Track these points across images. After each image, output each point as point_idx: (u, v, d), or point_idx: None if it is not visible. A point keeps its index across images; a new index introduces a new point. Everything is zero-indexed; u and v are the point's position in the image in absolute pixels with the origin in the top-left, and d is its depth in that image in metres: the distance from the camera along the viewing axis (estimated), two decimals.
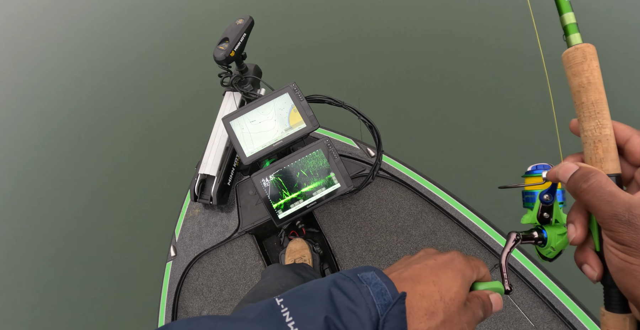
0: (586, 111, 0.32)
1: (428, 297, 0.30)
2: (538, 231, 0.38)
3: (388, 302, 0.28)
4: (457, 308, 0.31)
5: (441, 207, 1.12)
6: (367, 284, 0.30)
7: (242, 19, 1.09)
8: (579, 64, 0.32)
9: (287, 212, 0.92)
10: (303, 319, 0.27)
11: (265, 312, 0.28)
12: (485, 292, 0.35)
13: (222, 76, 1.16)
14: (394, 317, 0.27)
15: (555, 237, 0.37)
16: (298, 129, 0.96)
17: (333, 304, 0.28)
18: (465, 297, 0.32)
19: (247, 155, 0.96)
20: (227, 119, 0.97)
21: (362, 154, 1.19)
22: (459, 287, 0.32)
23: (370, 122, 1.04)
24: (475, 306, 0.33)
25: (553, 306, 1.00)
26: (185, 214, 1.21)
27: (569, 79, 0.33)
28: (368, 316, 0.27)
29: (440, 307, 0.30)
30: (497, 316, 1.03)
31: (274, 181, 0.93)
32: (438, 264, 0.33)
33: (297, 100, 0.97)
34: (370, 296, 0.28)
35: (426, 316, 0.29)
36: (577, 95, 0.32)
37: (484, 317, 0.34)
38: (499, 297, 0.35)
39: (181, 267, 1.14)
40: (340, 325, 0.27)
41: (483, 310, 0.33)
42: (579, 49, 0.32)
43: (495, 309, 0.35)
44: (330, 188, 0.93)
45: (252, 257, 1.14)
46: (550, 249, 0.37)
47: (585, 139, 0.32)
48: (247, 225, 1.15)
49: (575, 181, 0.30)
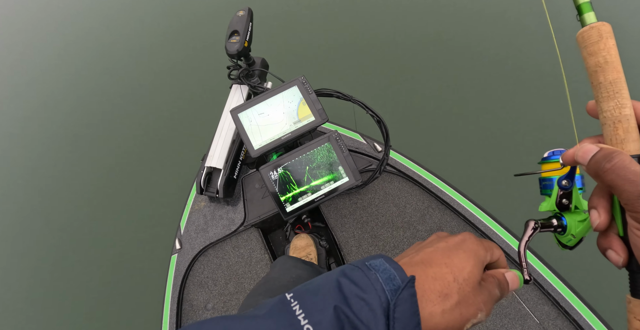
0: (604, 91, 0.31)
1: (441, 279, 0.30)
2: (557, 218, 0.37)
3: (397, 287, 0.28)
4: (472, 288, 0.30)
5: (448, 203, 1.11)
6: (376, 270, 0.29)
7: (243, 11, 1.09)
8: (595, 43, 0.31)
9: (295, 206, 0.92)
10: (312, 310, 0.27)
11: (275, 307, 0.28)
12: (500, 271, 0.34)
13: (230, 69, 1.15)
14: (405, 301, 0.27)
15: (576, 224, 0.36)
16: (307, 122, 0.96)
17: (342, 293, 0.28)
18: (480, 277, 0.32)
19: (255, 148, 0.95)
20: (235, 111, 0.96)
21: (369, 149, 1.19)
22: (473, 266, 0.31)
23: (378, 117, 1.03)
24: (491, 285, 0.32)
25: (558, 303, 1.00)
26: (190, 206, 1.21)
27: (584, 59, 0.32)
28: (378, 302, 0.27)
29: (454, 288, 0.29)
30: (502, 312, 1.03)
31: (282, 174, 0.92)
32: (449, 246, 0.33)
33: (306, 93, 0.97)
34: (379, 282, 0.28)
35: (440, 298, 0.29)
36: (594, 75, 0.31)
37: (501, 296, 0.33)
38: (514, 275, 0.35)
39: (186, 260, 1.14)
40: (351, 314, 0.26)
41: (500, 289, 0.33)
42: (594, 27, 0.31)
43: (512, 287, 0.34)
44: (339, 182, 0.93)
45: (257, 250, 1.14)
46: (570, 237, 0.36)
47: (604, 120, 0.31)
48: (253, 219, 1.15)
49: (597, 162, 0.28)
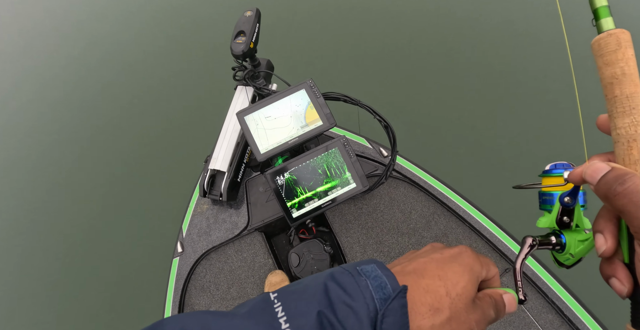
0: (619, 106, 0.28)
1: (433, 292, 0.28)
2: (556, 236, 0.35)
3: (388, 296, 0.26)
4: (465, 305, 0.28)
5: (453, 210, 1.11)
6: (366, 277, 0.28)
7: (250, 11, 1.07)
8: (613, 52, 0.28)
9: (301, 211, 0.90)
10: (295, 314, 0.25)
11: (257, 307, 0.27)
12: (498, 291, 0.33)
13: (236, 70, 1.13)
14: (394, 312, 0.26)
15: (576, 243, 0.34)
16: (314, 126, 0.94)
17: (328, 298, 0.26)
18: (474, 293, 0.30)
19: (261, 152, 0.94)
20: (241, 113, 0.94)
21: (375, 154, 1.17)
22: (467, 282, 0.29)
23: (386, 122, 1.02)
24: (486, 305, 0.30)
25: (562, 312, 1.00)
26: (193, 209, 1.19)
27: (599, 69, 0.29)
28: (366, 311, 0.25)
29: (445, 303, 0.28)
30: (506, 320, 1.02)
31: (289, 179, 0.91)
32: (445, 258, 0.31)
33: (314, 97, 0.95)
34: (369, 290, 0.26)
35: (430, 312, 0.27)
36: (609, 87, 0.29)
37: (496, 319, 0.31)
38: (513, 298, 0.33)
39: (188, 264, 1.13)
40: (335, 321, 0.25)
41: (495, 311, 0.31)
42: (613, 35, 0.28)
43: (509, 310, 0.32)
44: (346, 188, 0.92)
45: (261, 255, 1.12)
46: (568, 256, 0.35)
47: (617, 137, 0.29)
48: (257, 223, 1.13)
49: (607, 183, 0.26)
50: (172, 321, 0.25)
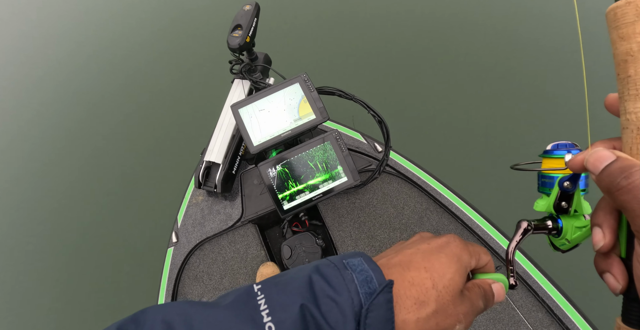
0: (632, 88, 0.25)
1: (418, 285, 0.28)
2: (553, 220, 0.34)
3: (373, 291, 0.26)
4: (452, 297, 0.28)
5: (446, 206, 1.11)
6: (352, 270, 0.27)
7: (249, 5, 1.07)
8: (630, 24, 0.24)
9: (292, 204, 0.91)
10: (277, 307, 0.25)
11: (240, 298, 0.27)
12: (486, 281, 0.32)
13: (232, 63, 1.14)
14: (379, 307, 0.25)
15: (573, 229, 0.32)
16: (307, 120, 0.95)
17: (312, 291, 0.26)
18: (462, 285, 0.29)
19: (254, 144, 0.95)
20: (236, 106, 0.95)
21: (369, 149, 1.18)
22: (454, 273, 0.29)
23: (380, 117, 1.02)
24: (475, 296, 0.30)
25: (552, 311, 0.99)
26: (188, 200, 1.21)
27: (613, 43, 0.25)
28: (350, 305, 0.25)
29: (432, 295, 0.27)
30: (496, 318, 1.03)
31: (281, 172, 0.92)
32: (431, 249, 0.31)
33: (307, 91, 0.96)
34: (354, 284, 0.26)
35: (415, 305, 0.27)
36: (622, 65, 0.25)
37: (485, 309, 0.31)
38: (501, 287, 0.32)
39: (182, 254, 1.14)
40: (318, 315, 0.25)
41: (484, 301, 0.30)
42: (632, 3, 0.24)
43: (497, 299, 0.32)
44: (337, 181, 0.93)
45: (254, 247, 1.14)
46: (564, 241, 0.33)
47: (626, 123, 0.25)
48: (251, 215, 1.15)
49: (611, 175, 0.23)
50: (153, 311, 0.25)
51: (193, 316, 0.25)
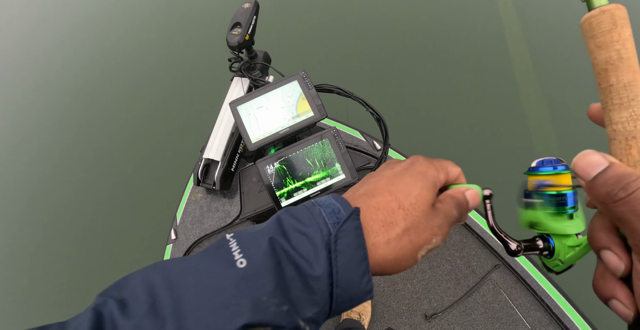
0: (616, 97, 0.24)
1: (384, 208, 0.28)
2: (543, 240, 0.32)
3: (341, 220, 0.26)
4: (422, 212, 0.28)
5: None
6: (320, 206, 0.28)
7: (249, 3, 1.08)
8: (607, 33, 0.24)
9: (290, 201, 0.92)
10: (247, 245, 0.26)
11: (213, 246, 0.27)
12: (460, 189, 0.31)
13: (232, 61, 1.14)
14: (348, 233, 0.26)
15: (565, 248, 0.30)
16: (305, 117, 0.95)
17: (281, 227, 0.27)
18: (432, 199, 0.29)
19: (252, 142, 0.95)
20: (234, 103, 0.96)
21: (368, 147, 1.18)
22: (420, 189, 0.29)
23: (378, 115, 1.02)
24: (448, 206, 0.30)
25: (551, 310, 0.99)
26: (187, 197, 1.21)
27: (591, 53, 0.25)
28: (319, 236, 0.26)
29: (399, 215, 0.28)
30: (494, 317, 1.02)
31: (279, 169, 0.92)
32: (395, 172, 0.31)
33: (305, 88, 0.96)
34: (322, 216, 0.27)
35: (383, 228, 0.27)
36: (603, 74, 0.24)
37: (460, 216, 0.30)
38: (475, 193, 0.32)
39: (181, 251, 1.15)
40: (289, 247, 0.25)
41: (458, 209, 0.30)
42: (606, 11, 0.24)
43: (472, 204, 0.31)
44: (335, 179, 0.93)
45: None
46: (558, 262, 0.31)
47: (613, 134, 0.24)
48: (249, 212, 1.15)
49: (606, 185, 0.21)
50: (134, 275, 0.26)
51: (170, 269, 0.25)
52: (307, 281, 0.25)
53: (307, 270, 0.25)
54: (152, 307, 0.23)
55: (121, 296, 0.24)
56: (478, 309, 1.03)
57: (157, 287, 0.24)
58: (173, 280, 0.25)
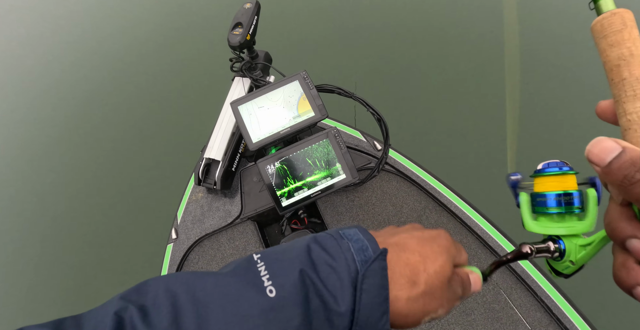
0: (629, 89, 0.26)
1: (412, 266, 0.29)
2: (553, 241, 0.32)
3: (368, 258, 0.27)
4: (441, 283, 0.29)
5: (445, 205, 1.11)
6: (348, 240, 0.28)
7: (250, 3, 1.08)
8: (618, 32, 0.26)
9: (290, 200, 0.92)
10: (278, 272, 0.26)
11: (241, 266, 0.28)
12: (464, 270, 0.33)
13: (233, 61, 1.14)
14: (375, 273, 0.26)
15: (576, 248, 0.30)
16: (306, 117, 0.96)
17: (310, 258, 0.27)
18: (450, 274, 0.31)
19: (253, 141, 0.95)
20: (235, 103, 0.96)
21: (369, 147, 1.18)
22: (444, 261, 0.30)
23: (379, 115, 1.02)
24: (455, 284, 0.31)
25: (551, 310, 0.99)
26: (188, 197, 1.21)
27: (603, 52, 0.27)
28: (347, 271, 0.26)
29: (423, 277, 0.29)
30: (494, 317, 1.02)
31: (279, 169, 0.92)
32: (425, 237, 0.32)
33: (306, 88, 0.96)
34: (351, 252, 0.27)
35: (408, 284, 0.28)
36: (616, 70, 0.26)
37: (462, 296, 0.32)
38: (478, 277, 0.34)
39: (182, 250, 1.15)
40: (317, 280, 0.26)
41: (462, 288, 0.32)
42: (617, 13, 0.27)
43: (474, 288, 0.33)
44: (336, 179, 0.93)
45: (252, 243, 1.14)
46: (568, 263, 0.31)
47: (627, 124, 0.26)
48: (250, 212, 1.15)
49: (622, 169, 0.22)
50: (156, 281, 0.26)
51: (195, 284, 0.26)
52: (331, 316, 0.25)
53: (332, 305, 0.25)
54: (175, 321, 0.23)
55: (141, 302, 0.24)
56: (478, 309, 1.03)
57: (180, 300, 0.24)
58: (198, 296, 0.25)
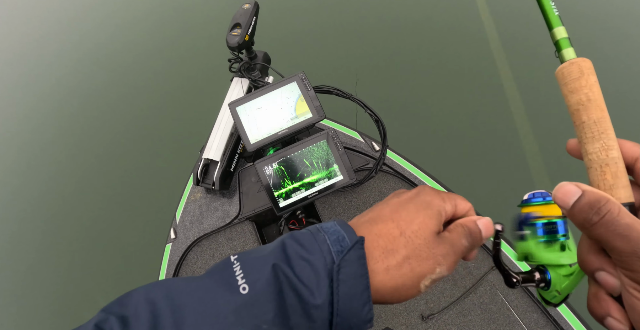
0: (588, 132, 0.28)
1: (385, 235, 0.28)
2: (540, 272, 0.32)
3: (345, 248, 0.26)
4: (425, 240, 0.28)
5: None
6: (325, 232, 0.28)
7: (249, 4, 1.08)
8: (576, 80, 0.29)
9: (288, 201, 0.92)
10: (250, 270, 0.26)
11: (217, 268, 0.28)
12: (471, 218, 0.31)
13: (232, 62, 1.15)
14: (351, 263, 0.26)
15: (561, 278, 0.31)
16: (304, 118, 0.96)
17: (285, 253, 0.27)
18: (435, 228, 0.29)
19: (251, 142, 0.96)
20: (233, 104, 0.96)
21: (367, 148, 1.18)
22: (423, 217, 0.29)
23: (377, 116, 1.02)
24: (457, 236, 0.29)
25: (547, 312, 0.99)
26: (187, 197, 1.22)
27: (565, 97, 0.30)
28: (323, 263, 0.26)
29: (400, 242, 0.28)
30: (490, 318, 1.03)
31: (277, 169, 0.92)
32: (401, 201, 0.31)
33: (304, 89, 0.97)
34: (327, 244, 0.27)
35: (383, 254, 0.27)
36: (576, 114, 0.29)
37: (471, 247, 0.30)
38: (489, 221, 0.31)
39: (180, 250, 1.16)
40: (291, 274, 0.25)
41: (470, 239, 0.30)
42: (575, 63, 0.29)
43: (485, 234, 0.31)
44: (333, 180, 0.93)
45: (251, 244, 1.15)
46: (555, 293, 0.32)
47: (589, 163, 0.28)
48: (248, 212, 1.16)
49: (582, 211, 0.24)
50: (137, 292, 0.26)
51: (174, 289, 0.26)
52: (308, 309, 0.25)
53: (308, 298, 0.25)
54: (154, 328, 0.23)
55: (123, 313, 0.25)
56: (475, 310, 1.03)
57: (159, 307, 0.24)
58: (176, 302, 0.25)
